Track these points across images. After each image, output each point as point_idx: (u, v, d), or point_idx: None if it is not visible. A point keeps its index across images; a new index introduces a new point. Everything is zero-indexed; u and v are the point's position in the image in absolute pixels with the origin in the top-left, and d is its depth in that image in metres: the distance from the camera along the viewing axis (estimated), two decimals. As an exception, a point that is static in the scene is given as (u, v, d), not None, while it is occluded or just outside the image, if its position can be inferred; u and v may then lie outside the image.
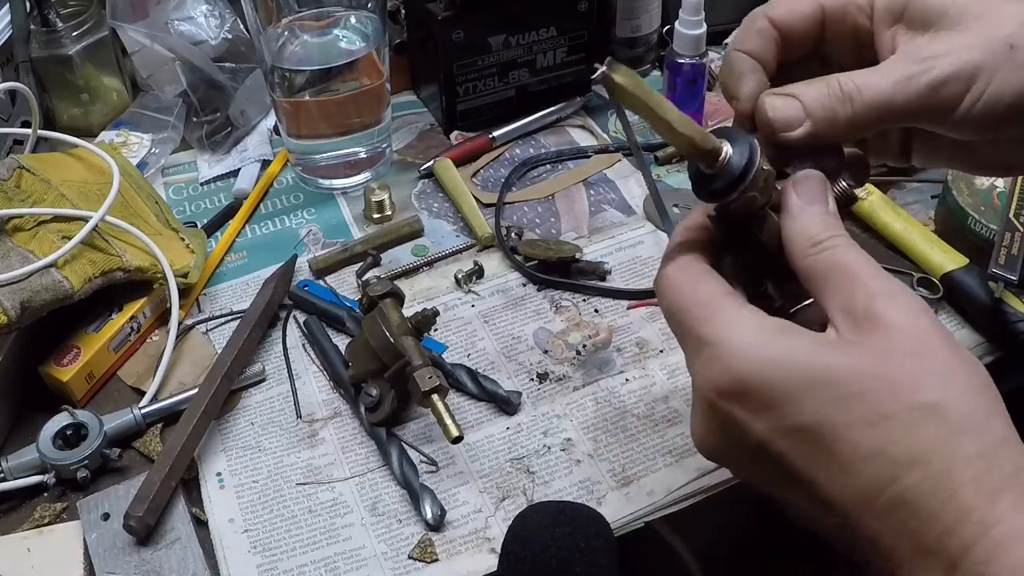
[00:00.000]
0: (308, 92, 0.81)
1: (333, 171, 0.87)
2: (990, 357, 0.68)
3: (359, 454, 0.65)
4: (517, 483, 0.62)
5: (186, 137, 0.93)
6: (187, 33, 0.89)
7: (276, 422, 0.67)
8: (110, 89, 0.94)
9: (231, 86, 0.90)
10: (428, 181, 0.88)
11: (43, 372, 0.67)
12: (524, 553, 0.52)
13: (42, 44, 0.89)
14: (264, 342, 0.72)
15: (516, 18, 0.87)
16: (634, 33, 0.96)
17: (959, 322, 0.70)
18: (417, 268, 0.79)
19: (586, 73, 0.94)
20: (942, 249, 0.73)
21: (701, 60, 0.87)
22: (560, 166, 0.89)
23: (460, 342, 0.72)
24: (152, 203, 0.81)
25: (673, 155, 0.88)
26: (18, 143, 0.85)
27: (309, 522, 0.61)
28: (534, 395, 0.68)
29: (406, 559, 0.58)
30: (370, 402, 0.64)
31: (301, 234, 0.83)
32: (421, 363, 0.62)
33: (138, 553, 0.59)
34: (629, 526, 0.60)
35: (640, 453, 0.63)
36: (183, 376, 0.70)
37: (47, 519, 0.61)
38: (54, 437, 0.63)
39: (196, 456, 0.64)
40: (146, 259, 0.72)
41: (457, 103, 0.91)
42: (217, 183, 0.89)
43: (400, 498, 0.62)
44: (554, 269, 0.77)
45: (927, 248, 0.73)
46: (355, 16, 0.83)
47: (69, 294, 0.66)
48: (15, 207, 0.70)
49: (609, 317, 0.73)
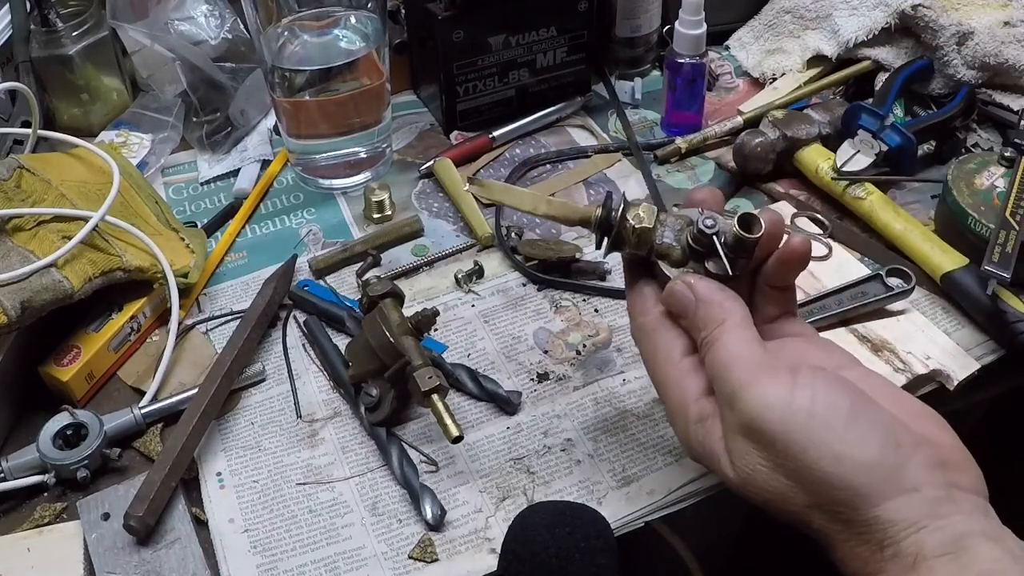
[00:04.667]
0: (308, 92, 0.81)
1: (333, 171, 0.87)
2: (990, 357, 0.68)
3: (359, 454, 0.65)
4: (517, 483, 0.62)
5: (186, 137, 0.93)
6: (187, 33, 0.89)
7: (276, 422, 0.67)
8: (110, 89, 0.94)
9: (231, 86, 0.90)
10: (428, 181, 0.88)
11: (43, 372, 0.67)
12: (524, 553, 0.52)
13: (42, 44, 0.89)
14: (264, 342, 0.72)
15: (516, 18, 0.87)
16: (634, 33, 0.96)
17: (959, 322, 0.70)
18: (417, 268, 0.79)
19: (586, 73, 0.94)
20: (942, 249, 0.73)
21: (701, 60, 0.87)
22: (560, 166, 0.89)
23: (460, 342, 0.72)
24: (152, 203, 0.81)
25: (673, 155, 0.88)
26: (18, 143, 0.85)
27: (309, 522, 0.61)
28: (534, 395, 0.68)
29: (406, 559, 0.58)
30: (370, 402, 0.64)
31: (301, 234, 0.83)
32: (421, 363, 0.62)
33: (138, 553, 0.59)
34: (629, 526, 0.60)
35: (640, 453, 0.63)
36: (183, 376, 0.70)
37: (47, 519, 0.61)
38: (54, 437, 0.63)
39: (196, 456, 0.64)
40: (146, 259, 0.72)
41: (457, 103, 0.91)
42: (217, 183, 0.89)
43: (400, 498, 0.62)
44: (554, 269, 0.77)
45: (927, 248, 0.73)
46: (355, 16, 0.83)
47: (69, 294, 0.66)
48: (15, 207, 0.70)
49: (609, 317, 0.73)
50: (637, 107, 0.96)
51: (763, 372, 0.47)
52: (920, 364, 0.66)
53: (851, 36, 0.92)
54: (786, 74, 0.96)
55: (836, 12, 0.94)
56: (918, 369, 0.66)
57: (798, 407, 0.45)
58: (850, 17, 0.93)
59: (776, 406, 0.45)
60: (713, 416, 0.49)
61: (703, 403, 0.50)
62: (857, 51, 0.93)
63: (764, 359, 0.48)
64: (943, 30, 0.87)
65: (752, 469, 0.46)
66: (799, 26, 0.97)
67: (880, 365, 0.66)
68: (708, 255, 0.52)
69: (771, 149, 0.83)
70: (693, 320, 0.51)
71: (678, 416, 0.51)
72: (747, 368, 0.47)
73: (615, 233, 0.54)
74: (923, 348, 0.67)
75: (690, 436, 0.50)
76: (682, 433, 0.51)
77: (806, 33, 0.97)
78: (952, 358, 0.67)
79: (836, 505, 0.44)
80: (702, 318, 0.50)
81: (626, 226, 0.53)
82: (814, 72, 0.95)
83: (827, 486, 0.44)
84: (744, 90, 0.97)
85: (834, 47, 0.93)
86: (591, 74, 0.96)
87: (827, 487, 0.44)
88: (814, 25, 0.96)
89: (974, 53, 0.86)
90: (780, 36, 0.98)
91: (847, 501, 0.44)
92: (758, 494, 0.47)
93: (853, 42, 0.92)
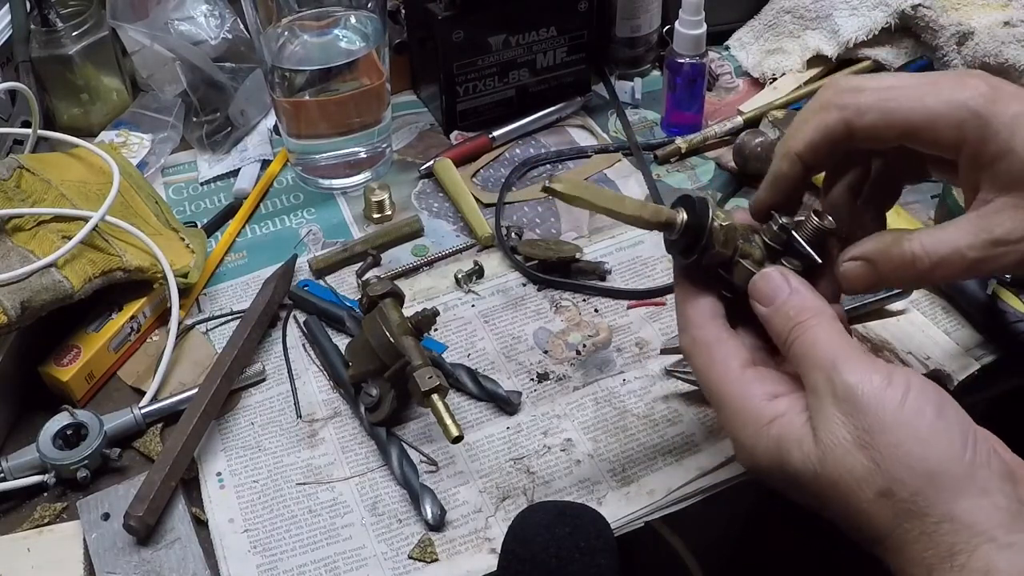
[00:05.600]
0: (308, 92, 0.81)
1: (333, 171, 0.87)
2: (990, 357, 0.68)
3: (359, 454, 0.65)
4: (517, 483, 0.62)
5: (186, 137, 0.93)
6: (187, 33, 0.89)
7: (276, 422, 0.67)
8: (110, 89, 0.94)
9: (231, 86, 0.90)
10: (428, 181, 0.88)
11: (43, 372, 0.67)
12: (524, 553, 0.52)
13: (42, 44, 0.89)
14: (264, 342, 0.72)
15: (516, 18, 0.87)
16: (634, 33, 0.96)
17: (959, 322, 0.70)
18: (417, 268, 0.79)
19: (586, 73, 0.94)
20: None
21: (701, 60, 0.87)
22: (560, 166, 0.89)
23: (460, 342, 0.72)
24: (152, 203, 0.81)
25: (673, 155, 0.88)
26: (18, 143, 0.85)
27: (309, 522, 0.61)
28: (534, 395, 0.68)
29: (406, 559, 0.58)
30: (370, 402, 0.64)
31: (301, 234, 0.83)
32: (421, 363, 0.62)
33: (138, 553, 0.59)
34: (629, 526, 0.60)
35: (640, 453, 0.63)
36: (183, 376, 0.70)
37: (47, 519, 0.61)
38: (54, 437, 0.63)
39: (196, 456, 0.64)
40: (146, 259, 0.72)
41: (457, 103, 0.91)
42: (217, 183, 0.89)
43: (400, 498, 0.62)
44: (554, 269, 0.77)
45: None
46: (355, 16, 0.83)
47: (69, 294, 0.66)
48: (15, 207, 0.70)
49: (609, 317, 0.73)
50: (637, 107, 0.96)
51: (863, 357, 0.46)
52: (920, 364, 0.66)
53: (851, 36, 0.92)
54: (786, 74, 0.96)
55: (836, 12, 0.94)
56: (918, 369, 0.66)
57: (893, 391, 0.45)
58: (850, 17, 0.93)
59: (874, 383, 0.45)
60: (791, 409, 0.48)
61: (776, 403, 0.49)
62: (857, 51, 0.93)
63: (862, 349, 0.47)
64: (943, 30, 0.87)
65: (835, 442, 0.45)
66: (799, 26, 0.97)
67: (880, 365, 0.66)
68: (785, 253, 0.52)
69: (771, 149, 0.83)
70: (782, 308, 0.50)
71: (747, 423, 0.49)
72: (846, 349, 0.47)
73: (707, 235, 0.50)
74: (923, 348, 0.67)
75: (759, 440, 0.48)
76: (750, 439, 0.49)
77: (806, 33, 0.97)
78: (952, 358, 0.67)
79: (912, 494, 0.43)
80: (795, 306, 0.49)
81: (715, 226, 0.50)
82: (814, 72, 0.95)
83: (908, 469, 0.43)
84: (744, 90, 0.97)
85: (834, 47, 0.93)
86: (591, 74, 0.96)
87: (907, 470, 0.43)
88: (814, 25, 0.96)
89: (974, 53, 0.86)
90: (780, 36, 0.98)
91: (923, 490, 0.43)
92: (832, 473, 0.45)
93: (853, 42, 0.92)
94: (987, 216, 0.48)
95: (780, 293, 0.50)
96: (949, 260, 0.49)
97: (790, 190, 0.54)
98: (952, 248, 0.48)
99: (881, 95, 0.50)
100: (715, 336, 0.52)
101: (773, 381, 0.50)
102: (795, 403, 0.48)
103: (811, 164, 0.52)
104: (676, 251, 0.52)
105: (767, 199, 0.54)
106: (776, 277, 0.51)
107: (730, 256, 0.51)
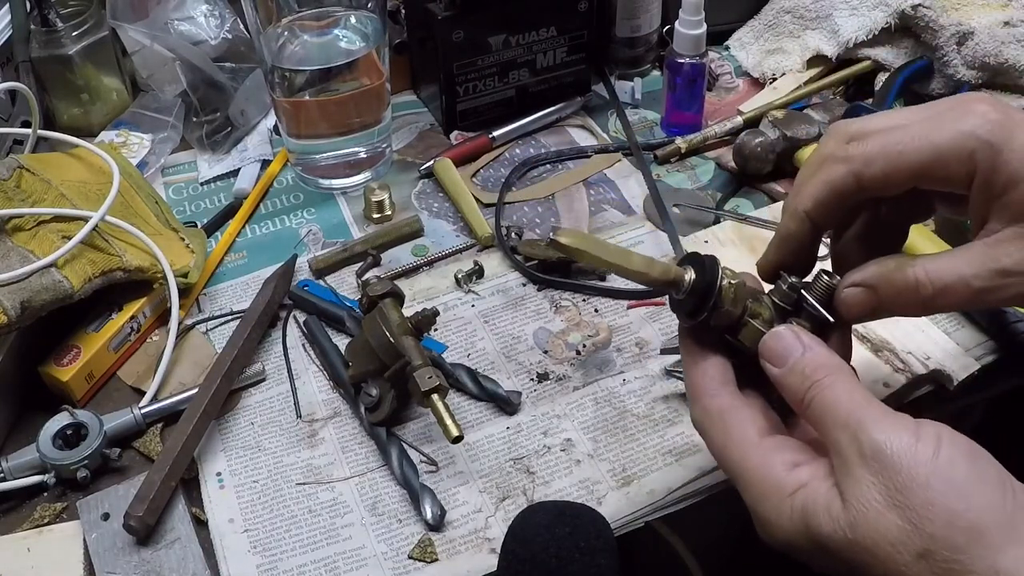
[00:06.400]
0: (308, 92, 0.81)
1: (333, 171, 0.87)
2: (990, 357, 0.68)
3: (359, 454, 0.65)
4: (517, 483, 0.62)
5: (186, 137, 0.93)
6: (187, 33, 0.89)
7: (276, 422, 0.67)
8: (110, 89, 0.94)
9: (231, 86, 0.90)
10: (428, 181, 0.88)
11: (43, 372, 0.67)
12: (524, 553, 0.52)
13: (42, 44, 0.89)
14: (264, 342, 0.72)
15: (516, 18, 0.87)
16: (634, 33, 0.96)
17: (959, 322, 0.70)
18: (417, 268, 0.79)
19: (586, 73, 0.94)
20: (942, 249, 0.72)
21: (701, 60, 0.87)
22: (560, 166, 0.89)
23: (460, 342, 0.72)
24: (152, 203, 0.81)
25: (673, 155, 0.88)
26: (18, 143, 0.85)
27: (309, 522, 0.61)
28: (534, 395, 0.68)
29: (406, 559, 0.58)
30: (370, 402, 0.64)
31: (301, 234, 0.83)
32: (421, 363, 0.62)
33: (138, 553, 0.59)
34: (629, 526, 0.60)
35: (640, 453, 0.63)
36: (183, 376, 0.70)
37: (47, 519, 0.61)
38: (54, 437, 0.63)
39: (196, 456, 0.64)
40: (146, 259, 0.72)
41: (457, 103, 0.91)
42: (217, 183, 0.89)
43: (400, 498, 0.62)
44: (554, 269, 0.77)
45: (927, 248, 0.73)
46: (355, 16, 0.83)
47: (69, 294, 0.66)
48: (15, 207, 0.70)
49: (609, 317, 0.73)
50: (637, 107, 0.96)
51: (887, 413, 0.45)
52: (920, 364, 0.66)
53: (851, 36, 0.92)
54: (786, 74, 0.96)
55: (836, 12, 0.94)
56: (918, 369, 0.66)
57: (924, 446, 0.43)
58: (850, 17, 0.93)
59: (903, 440, 0.43)
60: (814, 476, 0.46)
61: (798, 472, 0.47)
62: (857, 51, 0.93)
63: (884, 406, 0.45)
64: (943, 30, 0.87)
65: (867, 504, 0.43)
66: (799, 26, 0.97)
67: (880, 365, 0.66)
68: (795, 312, 0.51)
69: (771, 149, 0.83)
70: (796, 367, 0.48)
71: (770, 495, 0.47)
72: (869, 406, 0.45)
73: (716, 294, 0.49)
74: (923, 348, 0.67)
75: (782, 512, 0.46)
76: (773, 511, 0.46)
77: (806, 33, 0.97)
78: (952, 358, 0.67)
79: (953, 552, 0.40)
80: (810, 365, 0.47)
81: (724, 284, 0.49)
82: (814, 72, 0.95)
83: (947, 526, 0.41)
84: (744, 90, 0.97)
85: (834, 47, 0.93)
86: (591, 74, 0.96)
87: (947, 527, 0.41)
88: (814, 25, 0.96)
89: (974, 53, 0.86)
90: (780, 36, 0.98)
91: (965, 547, 0.40)
92: (865, 538, 0.43)
93: (853, 42, 0.92)
94: (995, 245, 0.47)
95: (793, 352, 0.48)
96: (953, 288, 0.47)
97: (799, 249, 0.52)
98: (957, 276, 0.47)
99: (886, 140, 0.48)
100: (728, 404, 0.50)
101: (792, 449, 0.48)
102: (817, 470, 0.46)
103: (820, 222, 0.51)
104: (683, 312, 0.51)
105: (775, 259, 0.53)
106: (788, 336, 0.49)
107: (739, 316, 0.50)
